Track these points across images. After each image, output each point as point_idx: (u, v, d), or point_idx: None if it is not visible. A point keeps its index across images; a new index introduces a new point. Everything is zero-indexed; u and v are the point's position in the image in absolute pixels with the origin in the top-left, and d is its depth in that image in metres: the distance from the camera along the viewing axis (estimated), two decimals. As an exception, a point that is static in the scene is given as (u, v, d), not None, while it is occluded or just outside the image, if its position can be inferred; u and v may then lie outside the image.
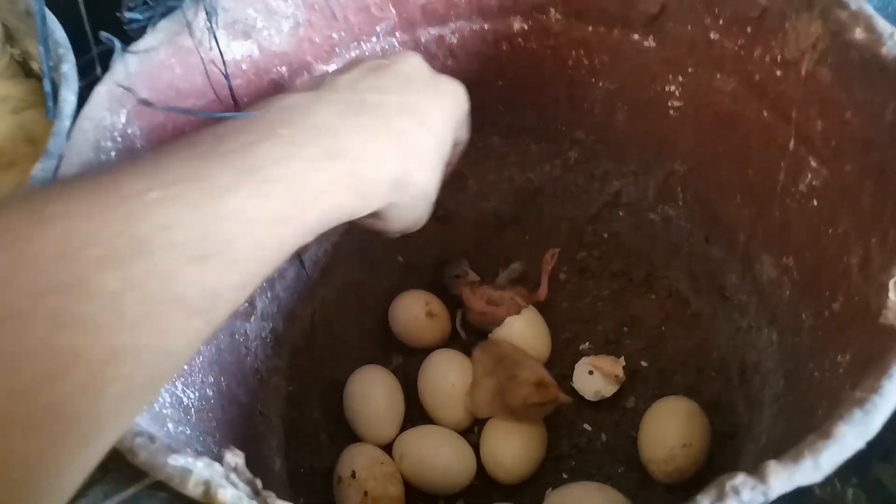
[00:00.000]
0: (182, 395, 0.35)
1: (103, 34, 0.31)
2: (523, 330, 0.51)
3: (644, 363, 0.52)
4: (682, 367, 0.51)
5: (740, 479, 0.22)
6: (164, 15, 0.37)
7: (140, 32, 0.37)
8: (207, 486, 0.21)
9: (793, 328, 0.40)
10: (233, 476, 0.22)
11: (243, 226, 0.23)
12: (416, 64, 0.36)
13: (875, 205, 0.31)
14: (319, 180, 0.26)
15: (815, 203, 0.37)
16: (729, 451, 0.46)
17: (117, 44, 0.32)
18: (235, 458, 0.23)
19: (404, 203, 0.31)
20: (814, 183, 0.37)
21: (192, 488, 0.21)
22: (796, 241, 0.39)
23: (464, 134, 0.38)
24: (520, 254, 0.57)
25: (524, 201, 0.58)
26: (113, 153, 0.34)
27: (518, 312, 0.51)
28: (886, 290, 0.28)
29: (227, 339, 0.44)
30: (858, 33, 0.31)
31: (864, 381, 0.24)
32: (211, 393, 0.38)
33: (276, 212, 0.24)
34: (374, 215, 0.31)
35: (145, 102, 0.32)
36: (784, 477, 0.22)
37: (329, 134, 0.27)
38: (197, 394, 0.37)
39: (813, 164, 0.37)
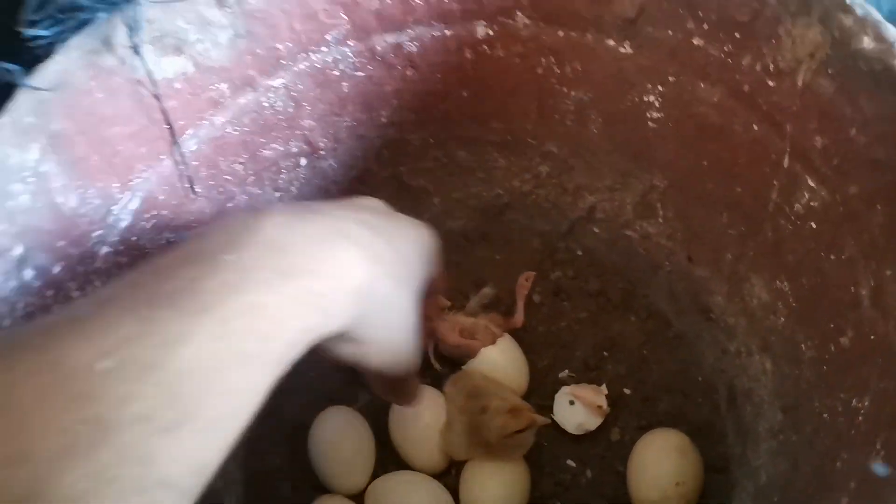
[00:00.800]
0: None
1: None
2: (499, 360, 0.47)
3: (627, 390, 0.48)
4: (667, 393, 0.48)
5: None
6: (76, 29, 0.32)
7: (48, 50, 0.32)
8: None
9: (790, 358, 0.37)
10: None
11: (207, 379, 0.20)
12: (374, 201, 0.34)
13: (889, 232, 0.29)
14: (277, 305, 0.23)
15: (814, 225, 0.34)
16: (720, 485, 0.44)
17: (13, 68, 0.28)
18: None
19: (375, 318, 0.27)
20: (812, 204, 0.34)
21: None
22: (792, 264, 0.36)
23: (435, 274, 0.34)
24: (490, 274, 0.54)
25: (492, 218, 0.54)
26: (25, 196, 0.29)
27: (493, 342, 0.47)
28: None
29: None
30: (867, 42, 0.28)
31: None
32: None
33: (240, 353, 0.21)
34: (349, 340, 0.27)
35: None
36: None
37: (276, 250, 0.24)
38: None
39: (811, 183, 0.34)
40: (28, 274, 0.28)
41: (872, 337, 0.29)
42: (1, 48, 0.30)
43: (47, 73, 0.31)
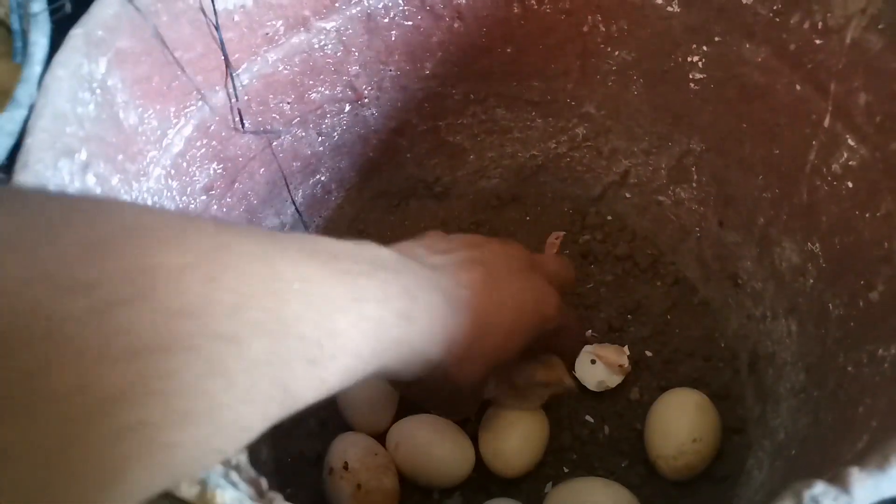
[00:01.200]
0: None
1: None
2: None
3: (649, 353, 0.49)
4: (689, 357, 0.49)
5: (820, 488, 0.20)
6: (149, -46, 0.33)
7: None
8: (204, 486, 0.19)
9: (816, 318, 0.38)
10: (233, 475, 0.19)
11: (338, 349, 0.24)
12: (513, 250, 0.38)
13: (927, 185, 0.29)
14: (392, 337, 0.27)
15: (851, 185, 0.35)
16: (737, 445, 0.44)
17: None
18: (237, 454, 0.20)
19: (430, 384, 0.32)
20: (850, 163, 0.35)
21: (187, 489, 0.18)
22: (826, 225, 0.37)
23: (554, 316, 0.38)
24: (519, 236, 0.54)
25: (525, 179, 0.55)
26: (91, 106, 0.31)
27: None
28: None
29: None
30: (919, -4, 0.28)
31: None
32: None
33: (359, 350, 0.25)
34: (411, 383, 0.33)
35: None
36: (870, 486, 0.19)
37: (409, 297, 0.28)
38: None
39: (850, 142, 0.34)
40: (90, 179, 0.30)
41: (905, 286, 0.29)
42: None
43: (118, -9, 0.32)
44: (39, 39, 0.29)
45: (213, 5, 0.35)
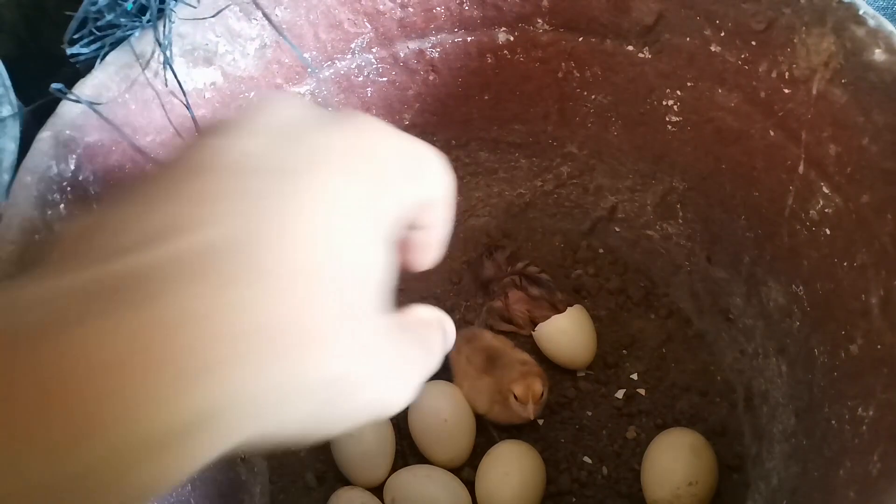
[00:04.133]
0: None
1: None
2: (568, 329, 0.49)
3: (645, 390, 0.49)
4: (685, 392, 0.48)
5: None
6: (113, 45, 0.33)
7: (89, 65, 0.33)
8: None
9: (805, 363, 0.37)
10: None
11: None
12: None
13: (898, 242, 0.29)
14: None
15: (829, 232, 0.34)
16: (735, 485, 0.44)
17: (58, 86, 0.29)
18: None
19: None
20: (826, 210, 0.34)
21: None
22: (807, 269, 0.37)
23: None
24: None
25: (515, 216, 0.55)
26: (62, 206, 0.31)
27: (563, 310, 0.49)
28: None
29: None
30: (878, 54, 0.28)
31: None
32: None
33: None
34: None
35: None
36: None
37: None
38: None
39: (825, 190, 0.34)
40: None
41: (879, 346, 0.29)
42: (44, 67, 0.32)
43: (86, 87, 0.32)
44: (7, 145, 0.30)
45: (182, 87, 0.36)
